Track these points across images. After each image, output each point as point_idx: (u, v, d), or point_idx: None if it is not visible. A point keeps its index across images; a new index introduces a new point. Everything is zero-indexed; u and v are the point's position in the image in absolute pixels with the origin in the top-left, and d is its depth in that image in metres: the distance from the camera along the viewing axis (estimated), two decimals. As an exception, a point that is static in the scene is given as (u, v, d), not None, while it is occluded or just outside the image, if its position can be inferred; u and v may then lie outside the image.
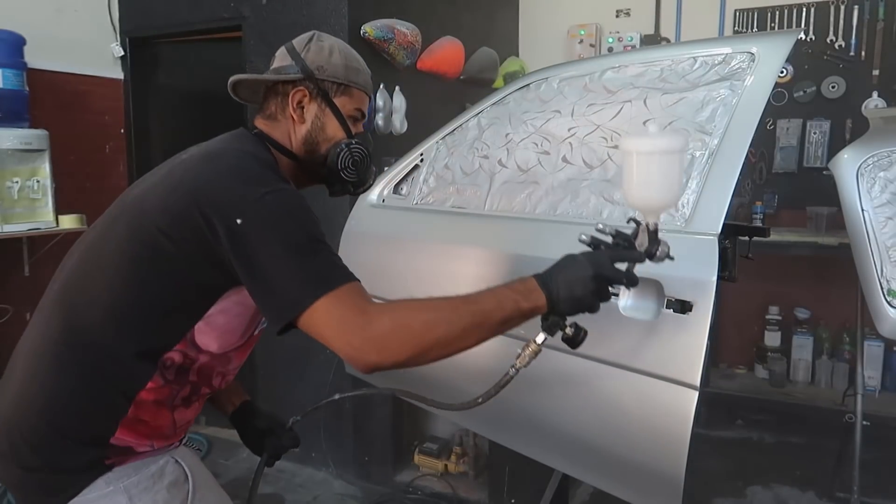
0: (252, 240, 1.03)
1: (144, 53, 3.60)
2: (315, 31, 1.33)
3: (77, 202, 3.18)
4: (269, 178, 1.11)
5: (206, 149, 1.20)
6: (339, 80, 1.28)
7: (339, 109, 1.29)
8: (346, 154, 1.28)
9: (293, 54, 1.28)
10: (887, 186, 2.09)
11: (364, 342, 0.99)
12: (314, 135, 1.28)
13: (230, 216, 1.04)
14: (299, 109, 1.27)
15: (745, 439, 3.47)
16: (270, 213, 1.05)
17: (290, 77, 1.26)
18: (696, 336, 1.35)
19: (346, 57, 1.29)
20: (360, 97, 1.32)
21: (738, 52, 1.52)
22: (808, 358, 3.59)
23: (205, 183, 1.09)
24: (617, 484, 1.55)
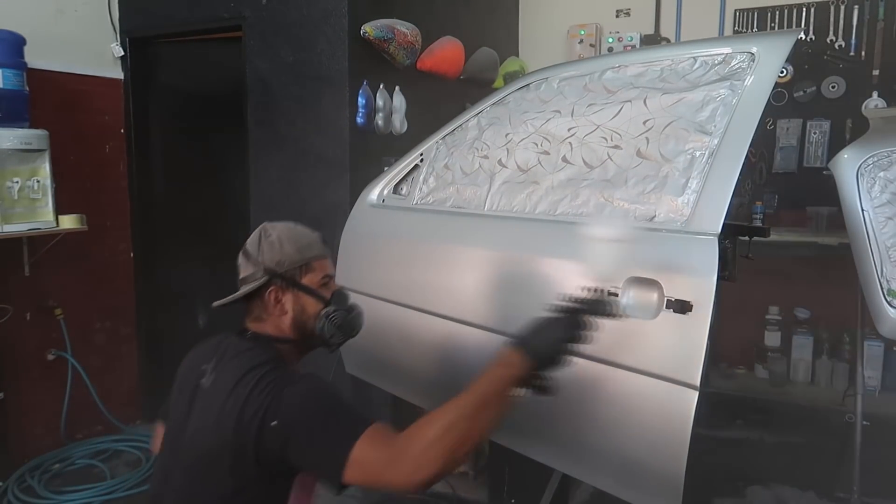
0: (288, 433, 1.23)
1: (144, 53, 3.60)
2: (261, 227, 1.47)
3: (77, 202, 3.18)
4: (282, 376, 1.30)
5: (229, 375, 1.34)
6: (298, 264, 1.43)
7: (308, 287, 1.44)
8: (327, 325, 1.44)
9: (252, 261, 1.44)
10: (887, 186, 2.09)
11: (405, 473, 1.14)
12: (299, 318, 1.44)
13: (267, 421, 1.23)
14: (278, 305, 1.43)
15: (745, 439, 3.47)
16: (294, 405, 1.24)
17: (259, 283, 1.41)
18: (696, 336, 1.34)
19: (294, 241, 1.45)
20: (321, 265, 1.48)
21: (738, 52, 1.52)
22: (808, 358, 3.58)
23: None
24: (617, 484, 1.55)
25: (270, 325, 1.44)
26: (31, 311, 3.19)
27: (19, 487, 2.97)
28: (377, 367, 2.24)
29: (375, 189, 2.26)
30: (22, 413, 3.16)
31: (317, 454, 1.20)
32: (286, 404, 1.23)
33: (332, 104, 2.94)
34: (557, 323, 1.24)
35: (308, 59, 2.98)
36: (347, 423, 1.21)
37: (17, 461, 3.12)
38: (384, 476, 1.15)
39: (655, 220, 1.50)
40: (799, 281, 3.58)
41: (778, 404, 3.45)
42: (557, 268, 1.68)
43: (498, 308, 1.75)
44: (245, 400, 1.26)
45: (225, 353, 1.40)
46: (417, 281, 2.00)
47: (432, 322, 1.91)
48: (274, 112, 3.10)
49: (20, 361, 3.16)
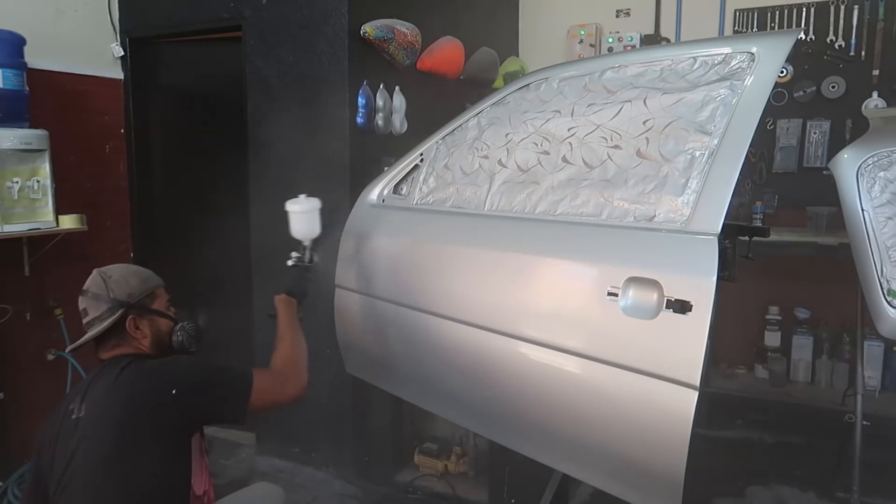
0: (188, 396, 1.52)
1: (144, 53, 3.60)
2: (96, 272, 1.66)
3: (77, 202, 3.18)
4: (162, 360, 1.62)
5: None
6: (146, 293, 1.68)
7: (159, 310, 1.70)
8: (184, 337, 1.71)
9: (102, 300, 1.61)
10: (887, 186, 2.09)
11: (294, 386, 1.68)
12: (157, 336, 1.68)
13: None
14: (138, 330, 1.64)
15: (745, 439, 3.47)
16: (187, 373, 1.56)
17: (117, 316, 1.60)
18: (696, 336, 1.35)
19: (137, 275, 1.70)
20: (161, 291, 1.74)
21: (738, 52, 1.52)
22: (808, 358, 3.58)
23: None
24: (617, 484, 1.55)
25: (130, 347, 1.63)
26: (31, 311, 3.19)
27: (19, 487, 2.97)
28: (377, 367, 2.25)
29: (375, 189, 2.26)
30: (22, 413, 3.16)
31: (224, 398, 1.54)
32: (181, 373, 1.53)
33: (332, 104, 2.94)
34: (297, 274, 2.05)
35: (308, 59, 2.98)
36: (238, 370, 1.59)
37: (17, 461, 3.11)
38: (278, 395, 1.62)
39: (655, 220, 1.50)
40: (799, 281, 3.59)
41: (778, 404, 3.45)
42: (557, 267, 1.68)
43: (497, 308, 1.75)
44: (132, 386, 1.49)
45: (88, 385, 1.56)
46: (417, 281, 2.00)
47: (432, 322, 1.91)
48: (274, 112, 3.10)
49: (20, 361, 3.15)
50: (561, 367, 1.58)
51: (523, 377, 1.69)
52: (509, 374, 1.72)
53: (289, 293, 1.96)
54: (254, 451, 3.39)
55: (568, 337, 1.58)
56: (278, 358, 1.73)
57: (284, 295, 1.95)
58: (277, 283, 2.02)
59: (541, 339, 1.63)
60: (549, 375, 1.62)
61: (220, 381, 1.57)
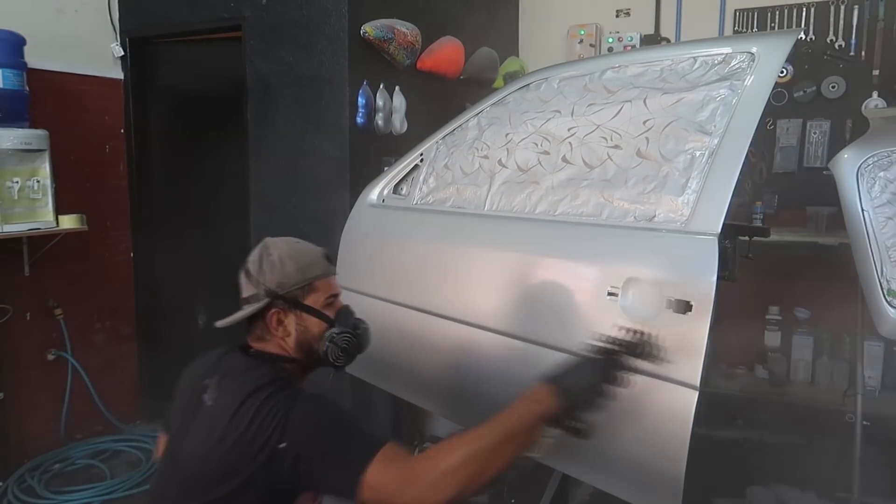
0: (298, 455, 1.19)
1: (144, 53, 3.60)
2: (262, 245, 1.43)
3: (77, 202, 3.18)
4: (289, 397, 1.26)
5: (234, 391, 1.30)
6: (300, 284, 1.39)
7: (312, 308, 1.40)
8: (331, 348, 1.40)
9: (253, 281, 1.39)
10: (887, 186, 2.09)
11: (417, 497, 1.12)
12: (302, 338, 1.40)
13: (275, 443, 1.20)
14: (280, 327, 1.39)
15: (745, 439, 3.47)
16: (303, 427, 1.21)
17: (261, 305, 1.37)
18: (696, 336, 1.34)
19: (296, 260, 1.40)
20: (325, 284, 1.44)
21: (738, 52, 1.52)
22: (808, 358, 3.58)
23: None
24: (617, 484, 1.55)
25: (274, 345, 1.41)
26: (31, 311, 3.19)
27: (19, 487, 2.97)
28: (377, 367, 2.24)
29: (375, 189, 2.26)
30: (22, 413, 3.16)
31: (329, 476, 1.18)
32: (295, 425, 1.20)
33: (332, 104, 2.94)
34: (594, 364, 1.25)
35: (308, 59, 2.98)
36: (360, 444, 1.19)
37: (17, 461, 3.12)
38: (397, 499, 1.14)
39: (655, 220, 1.50)
40: (799, 281, 3.58)
41: (778, 404, 3.45)
42: (557, 267, 1.68)
43: (498, 308, 1.75)
44: (249, 422, 1.22)
45: (228, 370, 1.36)
46: (417, 281, 2.00)
47: (432, 322, 1.91)
48: (274, 112, 3.10)
49: (20, 361, 3.16)
50: (561, 367, 1.58)
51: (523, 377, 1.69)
52: (509, 374, 1.72)
53: (565, 393, 1.21)
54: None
55: (568, 337, 1.57)
56: (443, 446, 1.17)
57: (548, 389, 1.22)
58: None
59: (541, 339, 1.63)
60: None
61: (339, 447, 1.20)
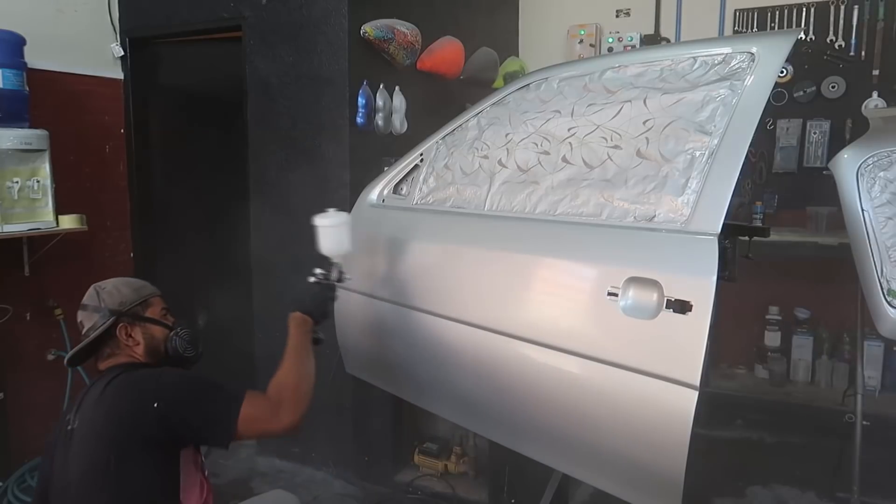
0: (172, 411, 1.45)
1: (144, 53, 3.60)
2: (93, 287, 1.67)
3: (77, 202, 3.18)
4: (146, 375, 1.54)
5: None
6: (138, 301, 1.66)
7: (152, 318, 1.67)
8: (178, 342, 1.67)
9: (93, 310, 1.62)
10: (887, 186, 2.10)
11: (286, 418, 1.51)
12: (150, 344, 1.65)
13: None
14: (130, 338, 1.63)
15: (745, 439, 3.47)
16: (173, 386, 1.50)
17: (107, 324, 1.60)
18: (696, 336, 1.35)
19: (129, 285, 1.69)
20: (157, 301, 1.71)
21: (738, 52, 1.52)
22: (808, 358, 3.59)
23: None
24: (617, 484, 1.55)
25: (122, 357, 1.62)
26: (31, 311, 3.19)
27: (19, 487, 2.97)
28: (377, 367, 2.24)
29: (375, 189, 2.26)
30: (22, 413, 3.16)
31: (208, 420, 1.47)
32: (166, 386, 1.47)
33: (332, 104, 2.94)
34: (319, 291, 1.84)
35: (308, 59, 2.98)
36: (229, 391, 1.50)
37: (17, 461, 3.11)
38: (270, 424, 1.49)
39: (655, 220, 1.50)
40: (799, 281, 3.58)
41: (778, 404, 3.45)
42: (557, 267, 1.68)
43: (497, 308, 1.75)
44: (114, 398, 1.46)
45: (83, 397, 1.56)
46: (417, 281, 2.00)
47: (432, 322, 1.91)
48: (274, 112, 3.10)
49: (20, 361, 3.15)
50: (560, 367, 1.58)
51: (523, 377, 1.69)
52: (509, 374, 1.72)
53: (306, 312, 1.77)
54: (254, 451, 3.39)
55: (567, 337, 1.58)
56: (277, 383, 1.57)
57: (300, 314, 1.76)
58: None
59: (540, 339, 1.63)
60: (548, 375, 1.62)
61: (207, 400, 1.48)
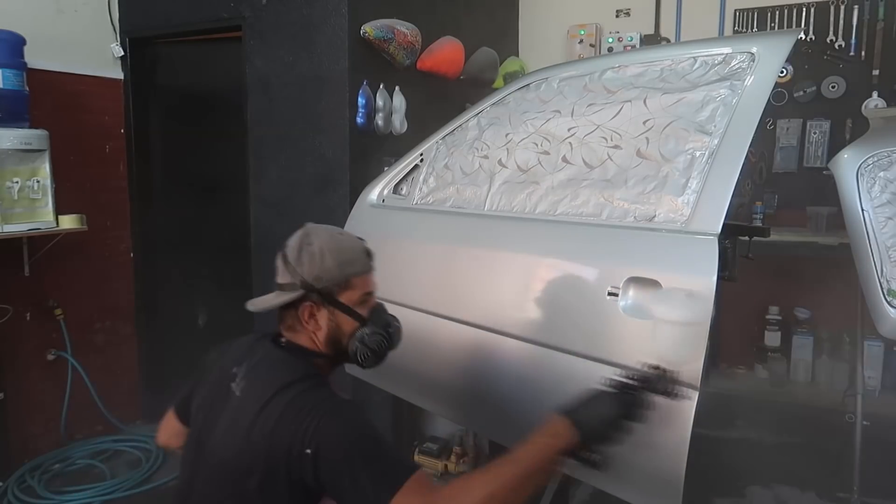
0: (324, 464, 1.16)
1: (144, 53, 3.60)
2: (303, 232, 1.38)
3: (77, 202, 3.18)
4: (319, 401, 1.24)
5: (264, 390, 1.27)
6: (338, 281, 1.36)
7: (346, 305, 1.37)
8: (360, 348, 1.39)
9: (290, 269, 1.35)
10: (887, 186, 2.09)
11: None
12: (333, 334, 1.38)
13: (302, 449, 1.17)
14: (312, 320, 1.36)
15: (745, 439, 3.47)
16: (334, 437, 1.18)
17: (295, 296, 1.34)
18: (696, 336, 1.34)
19: (337, 255, 1.36)
20: (362, 282, 1.40)
21: (738, 52, 1.52)
22: (808, 358, 3.58)
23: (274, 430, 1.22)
24: (617, 484, 1.55)
25: (304, 337, 1.39)
26: (31, 311, 3.19)
27: (19, 487, 2.97)
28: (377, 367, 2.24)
29: (375, 189, 2.26)
30: (22, 413, 3.16)
31: (355, 493, 1.15)
32: (325, 433, 1.18)
33: (332, 104, 2.94)
34: (612, 399, 1.26)
35: (308, 59, 2.98)
36: (390, 468, 1.16)
37: (17, 461, 3.11)
38: None
39: (655, 220, 1.50)
40: (799, 281, 3.58)
41: (778, 404, 3.45)
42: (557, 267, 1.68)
43: (497, 308, 1.75)
44: (277, 420, 1.21)
45: (258, 360, 1.35)
46: (417, 281, 2.00)
47: (432, 322, 1.91)
48: (274, 112, 3.10)
49: (20, 361, 3.16)
50: (560, 366, 1.58)
51: (523, 377, 1.69)
52: (509, 373, 1.72)
53: (582, 432, 1.22)
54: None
55: (568, 337, 1.58)
56: (462, 489, 1.15)
57: (567, 420, 1.23)
58: None
59: (540, 339, 1.63)
60: (548, 375, 1.62)
61: (369, 469, 1.15)
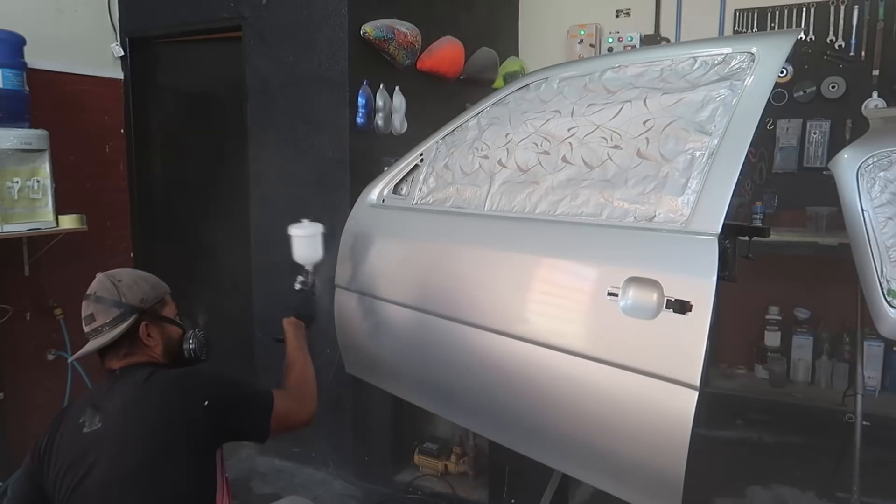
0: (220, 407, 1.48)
1: (144, 53, 3.60)
2: (104, 276, 1.58)
3: (77, 202, 3.17)
4: (181, 374, 1.55)
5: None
6: (157, 299, 1.61)
7: (170, 318, 1.64)
8: (195, 344, 1.64)
9: (111, 304, 1.53)
10: (887, 186, 2.09)
11: (307, 411, 1.66)
12: (168, 345, 1.61)
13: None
14: (150, 338, 1.57)
15: (745, 439, 3.47)
16: (216, 388, 1.52)
17: (130, 322, 1.53)
18: (696, 336, 1.35)
19: (146, 280, 1.63)
20: (170, 299, 1.67)
21: (738, 52, 1.52)
22: (808, 358, 3.58)
23: None
24: (617, 484, 1.55)
25: (140, 356, 1.56)
26: (31, 311, 3.19)
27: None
28: (377, 366, 2.25)
29: (375, 189, 2.26)
30: (22, 413, 3.16)
31: (250, 417, 1.52)
32: (211, 384, 1.48)
33: (332, 104, 2.94)
34: (303, 298, 2.05)
35: (308, 59, 2.98)
36: (260, 388, 1.57)
37: (17, 461, 3.10)
38: (296, 418, 1.61)
39: (655, 220, 1.50)
40: (799, 281, 3.59)
41: (778, 404, 3.45)
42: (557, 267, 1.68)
43: (497, 308, 1.75)
44: (162, 398, 1.43)
45: (102, 397, 1.48)
46: (417, 281, 2.00)
47: (432, 322, 1.91)
48: (274, 112, 3.10)
49: (20, 361, 3.15)
50: (560, 366, 1.58)
51: (523, 377, 1.69)
52: (509, 373, 1.72)
53: (297, 316, 1.96)
54: (254, 452, 3.39)
55: (567, 337, 1.58)
56: (293, 381, 1.71)
57: (293, 318, 1.95)
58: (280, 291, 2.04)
59: (540, 339, 1.63)
60: (548, 375, 1.62)
61: (247, 397, 1.54)
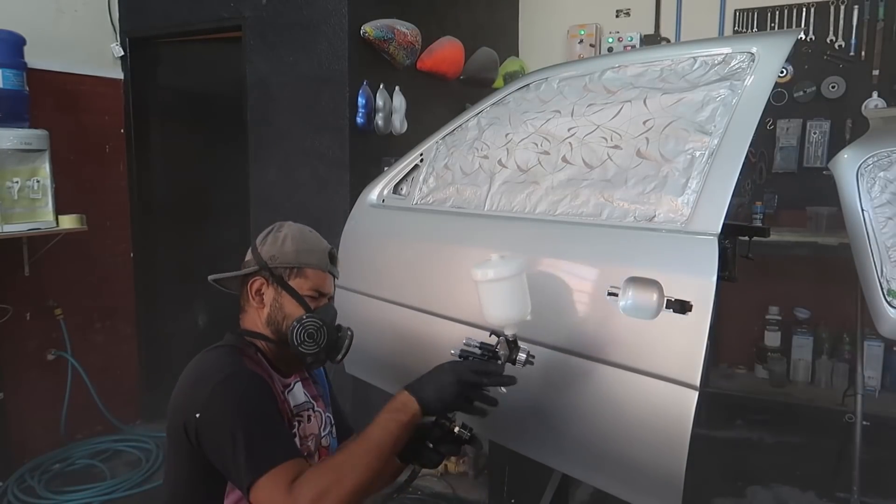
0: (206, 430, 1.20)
1: (144, 53, 3.60)
2: (277, 223, 1.45)
3: (77, 202, 3.18)
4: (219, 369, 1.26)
5: None
6: (291, 264, 1.40)
7: (295, 290, 1.39)
8: (299, 329, 1.35)
9: (253, 249, 1.42)
10: (887, 186, 2.09)
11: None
12: (274, 315, 1.40)
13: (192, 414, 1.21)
14: (258, 296, 1.41)
15: (745, 439, 3.47)
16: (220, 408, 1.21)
17: (249, 270, 1.41)
18: (696, 336, 1.34)
19: (298, 242, 1.41)
20: (315, 277, 1.42)
21: (738, 52, 1.52)
22: (808, 358, 3.59)
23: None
24: (617, 484, 1.54)
25: (250, 317, 1.43)
26: (31, 311, 3.19)
27: (19, 487, 2.97)
28: (377, 367, 2.24)
29: (375, 189, 2.26)
30: (22, 413, 3.16)
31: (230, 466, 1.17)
32: (213, 403, 1.20)
33: (332, 104, 2.94)
34: (451, 368, 1.29)
35: (308, 59, 2.98)
36: (267, 450, 1.17)
37: (17, 461, 3.11)
38: None
39: (655, 220, 1.50)
40: (799, 281, 3.59)
41: (778, 404, 3.45)
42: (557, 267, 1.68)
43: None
44: (182, 380, 1.29)
45: None
46: (417, 281, 2.00)
47: (432, 322, 1.91)
48: (274, 112, 3.10)
49: (20, 361, 3.16)
50: (560, 366, 1.58)
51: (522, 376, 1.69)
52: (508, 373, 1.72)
53: (422, 401, 1.25)
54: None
55: (567, 337, 1.58)
56: (314, 477, 1.14)
57: (408, 395, 1.26)
58: None
59: (540, 339, 1.63)
60: (547, 375, 1.62)
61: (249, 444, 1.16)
